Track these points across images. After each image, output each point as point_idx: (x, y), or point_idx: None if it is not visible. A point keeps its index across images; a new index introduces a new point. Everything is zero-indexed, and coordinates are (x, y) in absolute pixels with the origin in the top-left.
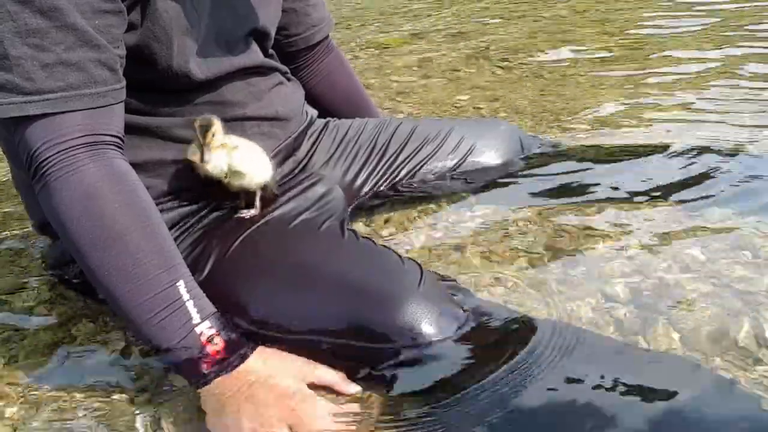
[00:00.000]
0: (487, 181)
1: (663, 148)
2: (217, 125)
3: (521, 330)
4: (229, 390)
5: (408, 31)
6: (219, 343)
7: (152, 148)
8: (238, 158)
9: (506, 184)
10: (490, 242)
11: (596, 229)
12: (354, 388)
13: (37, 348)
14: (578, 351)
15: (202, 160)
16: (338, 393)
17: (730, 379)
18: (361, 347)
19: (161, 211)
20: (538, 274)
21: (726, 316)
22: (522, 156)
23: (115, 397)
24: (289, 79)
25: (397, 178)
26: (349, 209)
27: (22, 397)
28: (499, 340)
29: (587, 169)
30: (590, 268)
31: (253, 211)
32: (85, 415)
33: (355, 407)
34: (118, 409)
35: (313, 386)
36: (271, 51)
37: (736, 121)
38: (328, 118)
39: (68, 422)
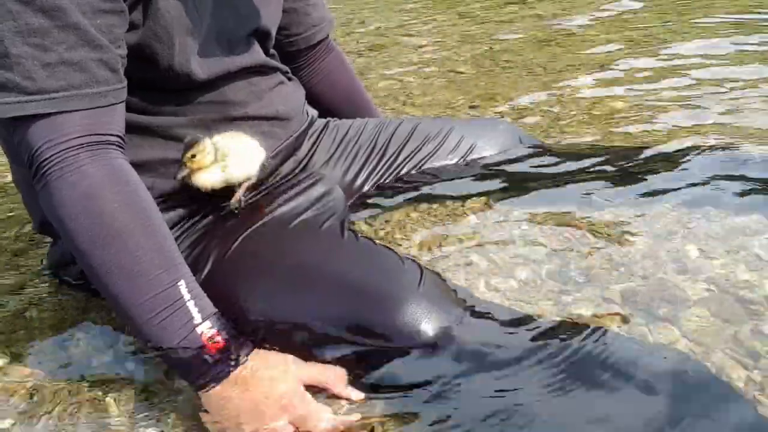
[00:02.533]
0: (486, 181)
1: (665, 149)
2: (203, 145)
3: (522, 330)
4: (229, 390)
5: (408, 31)
6: (219, 344)
7: (154, 148)
8: (233, 166)
9: (506, 184)
10: (491, 242)
11: (597, 229)
12: (354, 393)
13: (36, 348)
14: (579, 351)
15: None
16: (337, 395)
17: (728, 383)
18: (361, 347)
19: (162, 210)
20: (539, 274)
21: (727, 317)
22: (522, 156)
23: (116, 397)
24: (290, 79)
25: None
26: (349, 207)
27: (22, 397)
28: (500, 340)
29: (588, 168)
30: (591, 267)
31: (233, 200)
32: (85, 415)
33: (354, 407)
34: (119, 410)
35: (312, 387)
36: (272, 51)
37: (744, 123)
38: (328, 118)
39: (69, 422)
